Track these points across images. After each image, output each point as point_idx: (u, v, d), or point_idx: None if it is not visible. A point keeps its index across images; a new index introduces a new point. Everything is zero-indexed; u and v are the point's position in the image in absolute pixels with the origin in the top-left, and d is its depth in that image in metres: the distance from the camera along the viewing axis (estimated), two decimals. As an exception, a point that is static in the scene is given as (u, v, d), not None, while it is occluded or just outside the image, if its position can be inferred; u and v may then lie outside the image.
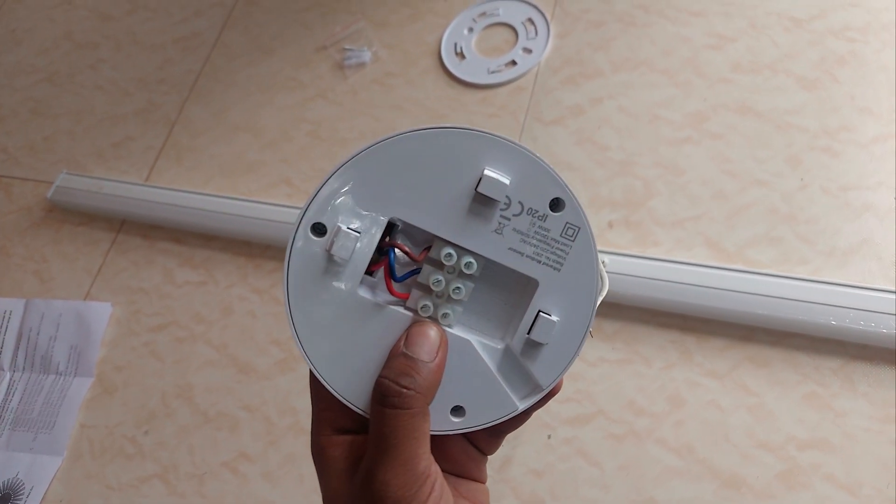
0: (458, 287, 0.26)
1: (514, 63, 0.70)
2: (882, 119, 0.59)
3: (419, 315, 0.26)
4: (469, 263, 0.26)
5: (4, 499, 0.60)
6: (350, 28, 0.77)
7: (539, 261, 0.25)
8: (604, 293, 0.51)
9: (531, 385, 0.27)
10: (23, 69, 0.87)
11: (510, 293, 0.27)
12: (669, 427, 0.52)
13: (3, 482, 0.61)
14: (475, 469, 0.28)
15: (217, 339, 0.64)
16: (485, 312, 0.27)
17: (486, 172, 0.25)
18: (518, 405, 0.26)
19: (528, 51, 0.70)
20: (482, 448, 0.29)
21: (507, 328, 0.27)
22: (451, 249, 0.25)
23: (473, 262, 0.26)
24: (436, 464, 0.24)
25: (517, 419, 0.27)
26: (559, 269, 0.26)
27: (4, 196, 0.78)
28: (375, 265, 0.26)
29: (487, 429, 0.27)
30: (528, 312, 0.26)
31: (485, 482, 0.29)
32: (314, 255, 0.25)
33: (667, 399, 0.53)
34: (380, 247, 0.26)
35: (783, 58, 0.64)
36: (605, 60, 0.68)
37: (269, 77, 0.77)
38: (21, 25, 0.90)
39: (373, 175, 0.25)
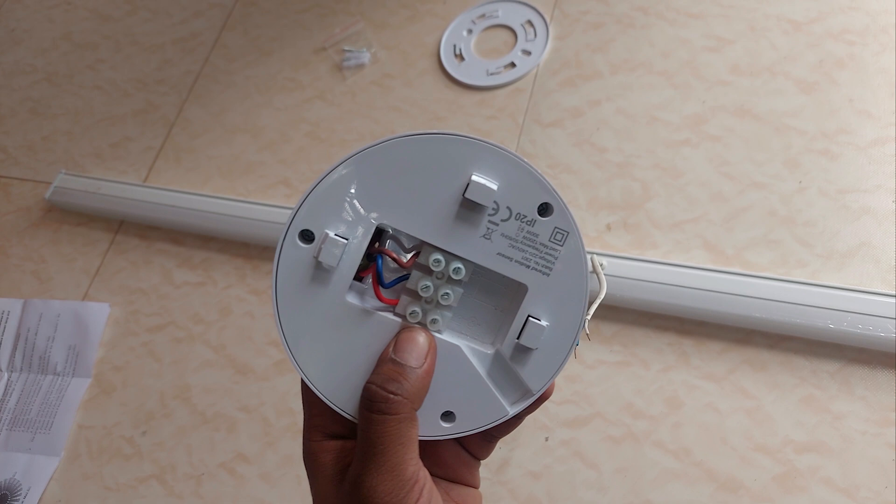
0: (447, 293, 0.26)
1: (513, 65, 0.70)
2: (881, 122, 0.59)
3: (408, 321, 0.26)
4: (457, 269, 0.26)
5: (2, 499, 0.60)
6: (349, 29, 0.77)
7: (528, 266, 0.25)
8: (602, 295, 0.52)
9: (522, 390, 0.27)
10: (22, 69, 0.87)
11: (500, 298, 0.27)
12: (667, 429, 0.52)
13: (1, 482, 0.61)
14: (468, 474, 0.28)
15: (215, 340, 0.64)
16: (475, 318, 0.27)
17: (474, 178, 0.25)
18: (508, 410, 0.26)
19: (527, 52, 0.70)
20: (474, 453, 0.29)
21: (498, 333, 0.27)
22: (440, 255, 0.25)
23: (462, 268, 0.26)
24: (424, 469, 0.24)
25: (509, 424, 0.27)
26: (548, 274, 0.26)
27: (3, 196, 0.78)
28: (364, 271, 0.26)
29: (479, 433, 0.27)
30: (518, 317, 0.26)
31: (478, 487, 0.29)
32: (302, 262, 0.26)
33: (664, 401, 0.53)
34: (369, 253, 0.26)
35: (782, 60, 0.64)
36: (604, 62, 0.68)
37: (268, 78, 0.77)
38: (20, 25, 0.90)
39: (360, 181, 0.25)
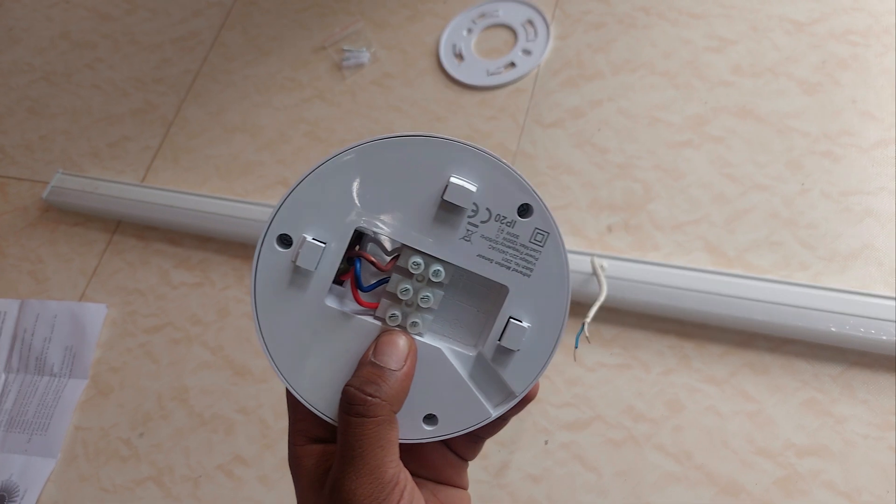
0: (427, 295, 0.26)
1: (514, 65, 0.70)
2: (884, 123, 0.59)
3: (388, 324, 0.26)
4: (437, 272, 0.25)
5: (-1, 500, 0.60)
6: (349, 29, 0.76)
7: (508, 267, 0.25)
8: (602, 298, 0.51)
9: (505, 391, 0.26)
10: (20, 68, 0.86)
11: (481, 300, 0.27)
12: (668, 433, 0.52)
13: (-2, 484, 0.61)
14: (455, 475, 0.28)
15: (213, 341, 0.64)
16: (456, 320, 0.27)
17: (452, 180, 0.25)
18: (491, 412, 0.26)
19: (528, 52, 0.70)
20: (461, 454, 0.28)
21: (480, 335, 0.27)
22: (419, 258, 0.25)
23: (441, 270, 0.25)
24: (406, 471, 0.24)
25: (494, 425, 0.27)
26: (529, 275, 0.25)
27: (0, 196, 0.78)
28: (345, 275, 0.26)
29: (466, 434, 0.27)
30: (499, 319, 0.26)
31: (466, 488, 0.29)
32: (281, 267, 0.25)
33: (665, 404, 0.52)
34: (350, 256, 0.26)
35: (784, 61, 0.63)
36: (606, 62, 0.68)
37: (267, 78, 0.77)
38: (18, 24, 0.90)
39: (338, 184, 0.25)
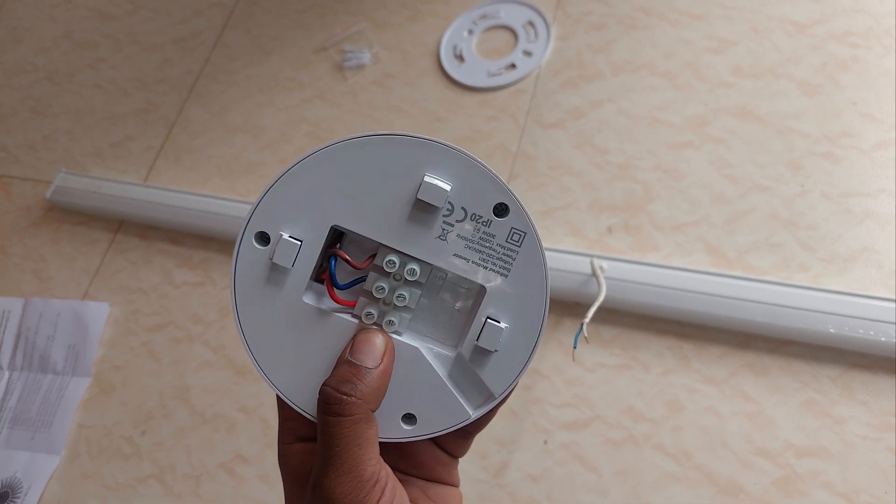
0: (403, 294, 0.26)
1: (514, 66, 0.70)
2: (884, 125, 0.59)
3: (364, 322, 0.26)
4: (412, 270, 0.25)
5: (3, 497, 0.60)
6: (350, 29, 0.76)
7: (485, 267, 0.25)
8: (601, 298, 0.51)
9: (485, 393, 0.26)
10: (23, 68, 0.87)
11: (460, 300, 0.27)
12: (667, 433, 0.52)
13: (2, 480, 0.61)
14: (445, 472, 0.28)
15: (214, 341, 0.64)
16: (436, 320, 0.27)
17: (426, 178, 0.25)
18: (471, 413, 0.26)
19: (529, 53, 0.70)
20: (451, 451, 0.28)
21: (460, 335, 0.27)
22: (394, 256, 0.25)
23: (416, 269, 0.25)
24: (387, 468, 0.24)
25: (481, 420, 0.27)
26: (506, 275, 0.25)
27: (3, 195, 0.78)
28: (326, 273, 0.26)
29: (455, 431, 0.26)
30: (477, 319, 0.26)
31: (457, 485, 0.29)
32: (259, 264, 0.26)
33: (665, 405, 0.53)
34: (329, 254, 0.26)
35: (785, 62, 0.63)
36: (606, 63, 0.68)
37: (269, 78, 0.77)
38: (21, 24, 0.90)
39: (315, 182, 0.25)
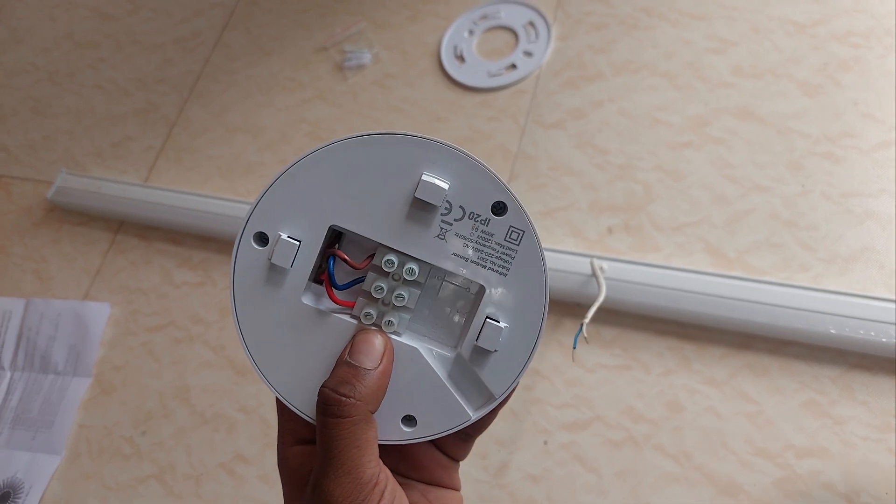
0: (401, 294, 0.26)
1: (515, 66, 0.70)
2: (885, 125, 0.58)
3: (363, 323, 0.26)
4: (410, 269, 0.25)
5: (4, 497, 0.60)
6: (350, 29, 0.76)
7: (484, 266, 0.25)
8: (601, 299, 0.51)
9: (485, 393, 0.26)
10: (23, 68, 0.87)
11: (459, 299, 0.27)
12: (667, 433, 0.52)
13: (3, 480, 0.61)
14: (445, 476, 0.28)
15: (214, 341, 0.64)
16: (436, 320, 0.27)
17: (424, 177, 0.25)
18: (471, 415, 0.26)
19: (529, 54, 0.70)
20: (451, 454, 0.28)
21: (460, 335, 0.27)
22: (393, 256, 0.25)
23: (415, 269, 0.25)
24: (386, 471, 0.24)
25: (482, 422, 0.27)
26: (505, 274, 0.25)
27: (4, 195, 0.78)
28: (324, 273, 0.26)
29: (455, 433, 0.26)
30: (476, 319, 0.25)
31: (458, 489, 0.28)
32: (258, 265, 0.25)
33: (665, 405, 0.53)
34: (328, 254, 0.26)
35: (785, 62, 0.63)
36: (606, 63, 0.68)
37: (269, 78, 0.77)
38: (22, 24, 0.90)
39: (313, 182, 0.25)
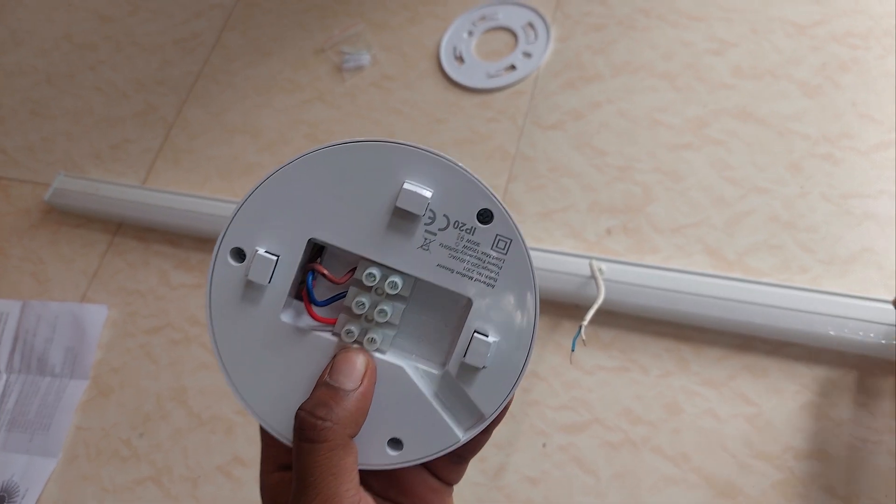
0: (384, 310, 0.24)
1: (514, 67, 0.70)
2: (884, 126, 0.58)
3: (344, 340, 0.24)
4: (393, 283, 0.24)
5: (0, 500, 0.60)
6: (349, 31, 0.76)
7: (471, 277, 0.24)
8: (600, 301, 0.51)
9: (476, 413, 0.25)
10: (22, 70, 0.87)
11: (446, 313, 0.25)
12: (665, 435, 0.52)
13: (0, 484, 0.61)
14: (438, 501, 0.26)
15: (211, 343, 0.64)
16: (422, 335, 0.25)
17: (405, 186, 0.24)
18: (460, 436, 0.24)
19: (528, 55, 0.70)
20: (444, 477, 0.26)
21: (447, 351, 0.25)
22: (375, 269, 0.24)
23: (398, 282, 0.24)
24: (367, 499, 0.23)
25: (477, 441, 0.25)
26: (493, 286, 0.24)
27: (2, 197, 0.78)
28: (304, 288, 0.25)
29: (448, 455, 0.25)
30: (463, 334, 0.24)
31: None
32: (235, 282, 0.24)
33: (663, 407, 0.52)
34: (307, 268, 0.25)
35: (784, 63, 0.63)
36: (605, 64, 0.68)
37: (268, 79, 0.77)
38: (22, 26, 0.90)
39: (291, 194, 0.24)
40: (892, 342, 0.49)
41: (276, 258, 0.24)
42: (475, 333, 0.24)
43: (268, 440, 0.25)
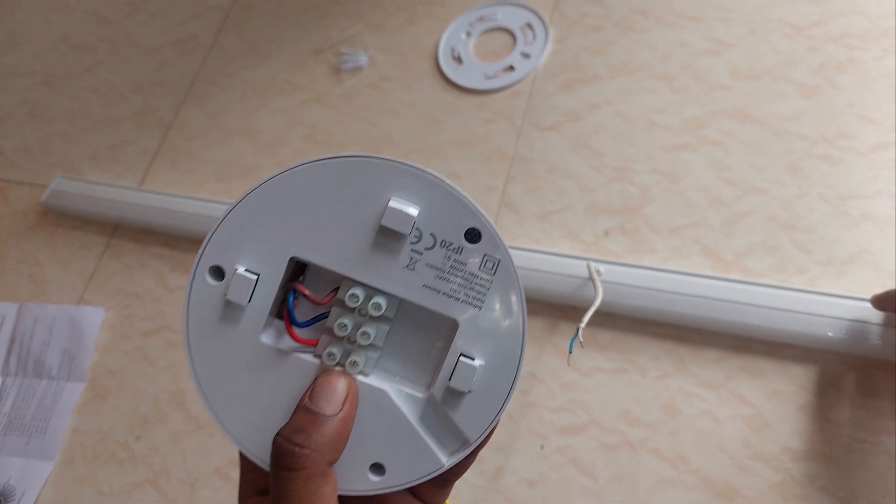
0: (367, 332, 0.23)
1: (512, 68, 0.70)
2: (882, 127, 0.58)
3: (326, 363, 0.24)
4: (377, 304, 0.23)
5: (-3, 503, 0.60)
6: (346, 32, 0.76)
7: (457, 298, 0.23)
8: (597, 302, 0.51)
9: (460, 438, 0.24)
10: (20, 71, 0.86)
11: (432, 335, 0.25)
12: (663, 437, 0.51)
13: (-4, 486, 0.61)
14: None
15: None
16: (407, 357, 0.25)
17: (391, 203, 0.23)
18: (444, 462, 0.24)
19: (526, 56, 0.70)
20: (427, 501, 0.26)
21: (433, 375, 0.24)
22: (358, 290, 0.23)
23: (381, 303, 0.23)
24: None
25: (458, 467, 0.25)
26: (480, 307, 0.23)
27: (0, 199, 0.78)
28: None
29: (430, 479, 0.24)
30: (449, 357, 0.23)
31: None
32: (214, 301, 0.24)
33: (661, 409, 0.52)
34: (289, 288, 0.24)
35: (782, 64, 0.63)
36: (603, 65, 0.67)
37: (266, 80, 0.77)
38: (20, 27, 0.90)
39: (273, 210, 0.24)
40: (891, 343, 0.49)
41: (257, 277, 0.24)
42: (461, 357, 0.23)
43: (247, 464, 0.25)
